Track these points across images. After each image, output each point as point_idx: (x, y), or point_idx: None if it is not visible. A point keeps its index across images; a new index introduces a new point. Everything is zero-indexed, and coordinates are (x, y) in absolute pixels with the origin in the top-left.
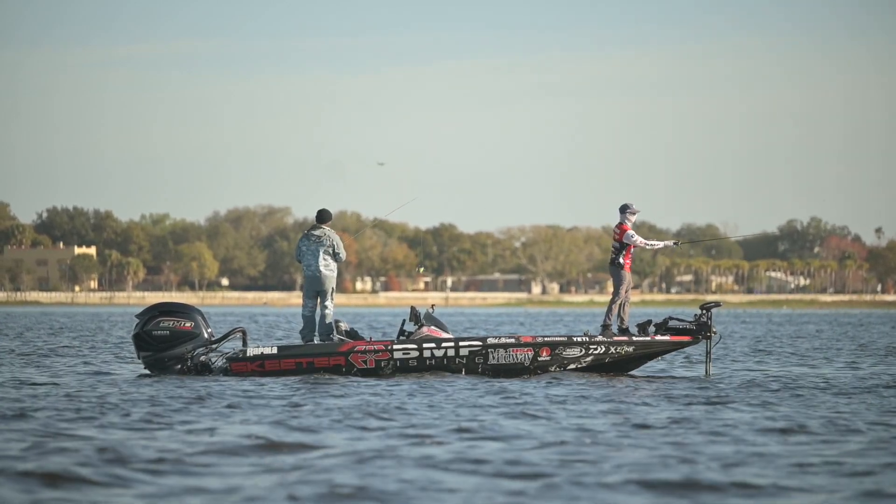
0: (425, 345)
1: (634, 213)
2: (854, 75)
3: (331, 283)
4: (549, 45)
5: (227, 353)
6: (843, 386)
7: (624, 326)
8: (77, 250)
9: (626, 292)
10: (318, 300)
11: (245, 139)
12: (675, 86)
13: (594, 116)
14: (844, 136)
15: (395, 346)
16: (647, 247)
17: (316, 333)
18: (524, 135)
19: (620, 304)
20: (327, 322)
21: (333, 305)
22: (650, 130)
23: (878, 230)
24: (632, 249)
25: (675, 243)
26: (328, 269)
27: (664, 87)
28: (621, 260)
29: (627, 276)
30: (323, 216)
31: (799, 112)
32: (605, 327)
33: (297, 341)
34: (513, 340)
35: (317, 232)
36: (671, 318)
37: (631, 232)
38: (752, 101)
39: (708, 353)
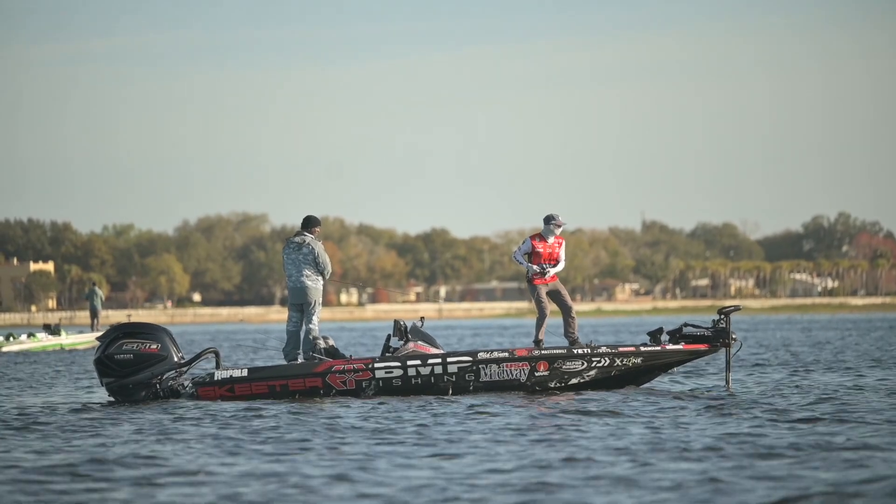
0: (410, 362)
1: (559, 226)
2: (882, 58)
3: (314, 295)
4: (542, 32)
5: (194, 377)
6: None
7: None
8: (33, 266)
9: (542, 306)
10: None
11: (216, 140)
12: (687, 73)
13: (598, 108)
14: (873, 122)
15: (376, 365)
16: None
17: (300, 351)
18: (522, 130)
19: (538, 319)
20: (311, 338)
21: (319, 320)
22: (660, 121)
23: None
24: (542, 261)
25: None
26: (310, 279)
27: (674, 75)
28: (529, 274)
29: (537, 289)
30: (305, 223)
31: (822, 98)
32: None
33: (277, 361)
34: (506, 355)
35: (297, 239)
36: (686, 325)
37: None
38: (771, 87)
39: (728, 361)
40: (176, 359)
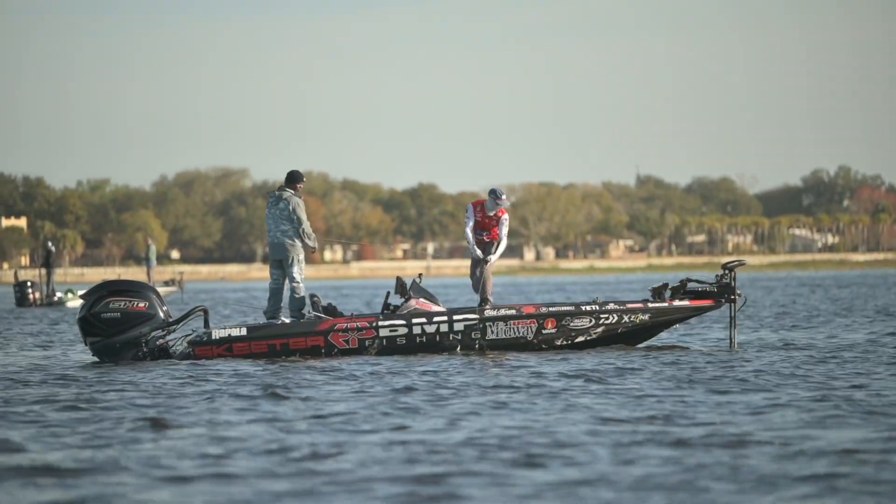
0: (415, 320)
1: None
2: (886, 6)
3: (294, 251)
4: None
5: (188, 336)
6: None
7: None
8: (4, 222)
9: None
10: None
11: (195, 92)
12: (684, 21)
13: (592, 58)
14: (874, 73)
15: (380, 323)
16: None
17: (282, 309)
18: (512, 81)
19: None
20: (297, 296)
21: (303, 277)
22: (656, 73)
23: None
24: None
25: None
26: (286, 235)
27: (671, 23)
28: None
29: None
30: (289, 178)
31: (822, 49)
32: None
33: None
34: (514, 312)
35: (277, 193)
36: (689, 280)
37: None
38: (770, 38)
39: (732, 318)
40: (163, 317)
